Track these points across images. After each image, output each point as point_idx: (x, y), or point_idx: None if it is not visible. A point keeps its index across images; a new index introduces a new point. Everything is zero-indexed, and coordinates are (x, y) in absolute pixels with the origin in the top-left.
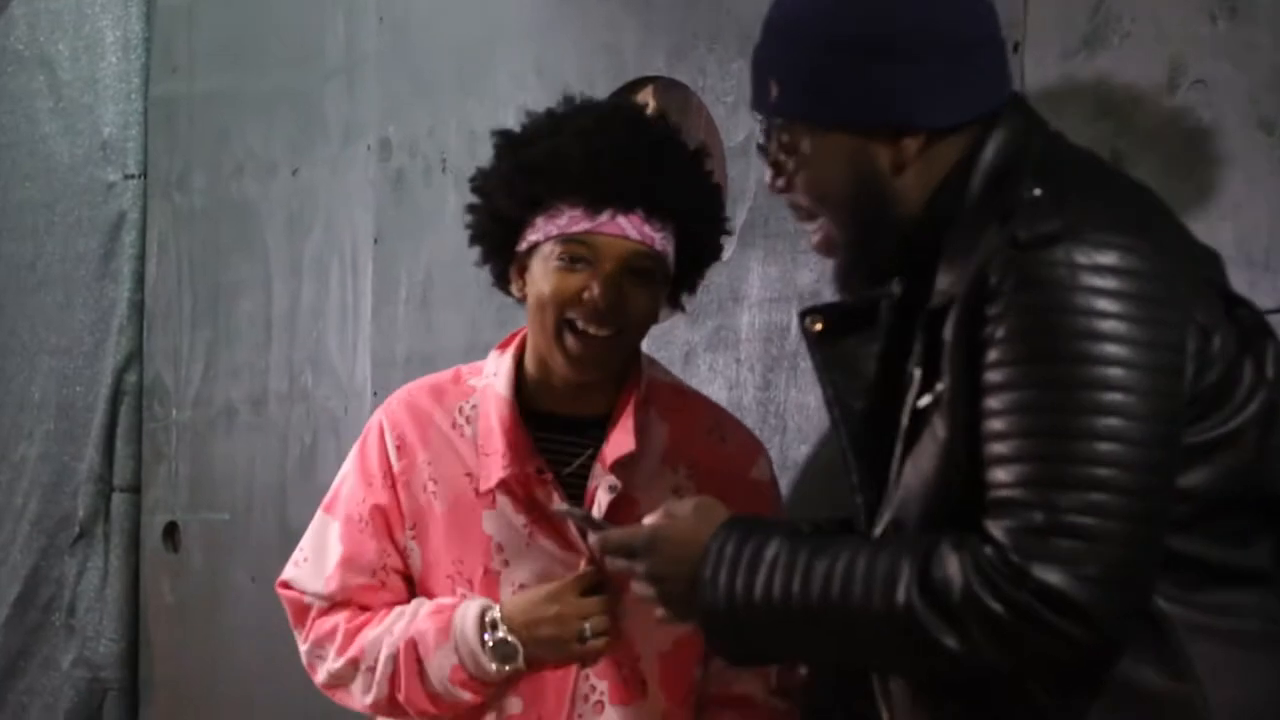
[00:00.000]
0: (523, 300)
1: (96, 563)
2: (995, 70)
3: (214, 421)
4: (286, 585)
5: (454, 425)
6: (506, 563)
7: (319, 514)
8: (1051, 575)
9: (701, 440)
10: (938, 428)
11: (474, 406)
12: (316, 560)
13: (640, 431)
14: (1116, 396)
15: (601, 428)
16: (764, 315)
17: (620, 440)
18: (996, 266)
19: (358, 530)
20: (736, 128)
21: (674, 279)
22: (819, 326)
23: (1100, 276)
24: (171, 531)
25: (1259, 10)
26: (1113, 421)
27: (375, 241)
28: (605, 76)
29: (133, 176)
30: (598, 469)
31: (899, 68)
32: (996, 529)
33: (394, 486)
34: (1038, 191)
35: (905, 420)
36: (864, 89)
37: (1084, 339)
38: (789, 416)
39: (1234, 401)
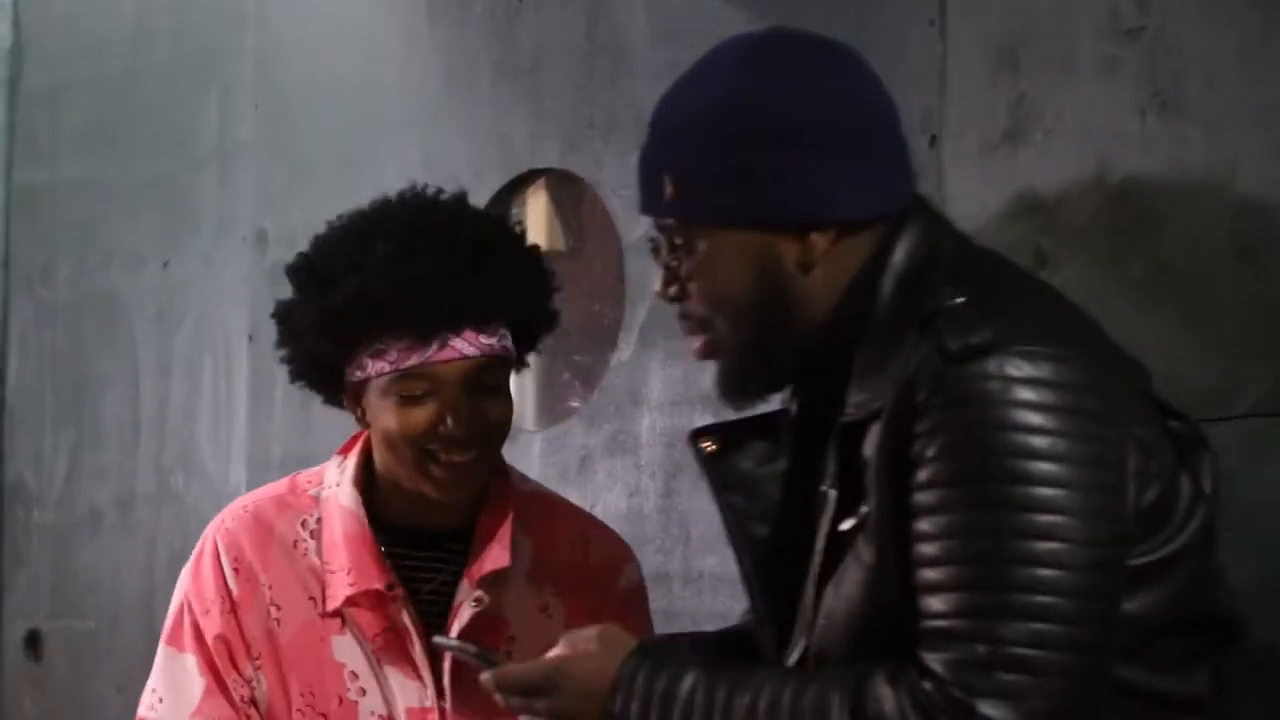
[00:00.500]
0: (362, 424)
1: None
2: (902, 164)
3: (78, 524)
4: None
5: (295, 543)
6: (363, 691)
7: (162, 648)
8: (997, 712)
9: (566, 553)
10: (863, 552)
11: (318, 520)
12: (175, 698)
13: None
14: (1057, 519)
15: (462, 541)
16: (665, 419)
17: (496, 554)
18: (923, 380)
19: (211, 661)
20: (635, 222)
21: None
22: (712, 447)
23: (1035, 390)
24: (34, 640)
25: (1187, 103)
26: (1054, 545)
27: (250, 338)
28: (496, 168)
29: None
30: (464, 586)
31: (808, 158)
32: (934, 661)
33: (234, 613)
34: (959, 299)
35: (822, 544)
36: (771, 182)
37: (1020, 457)
38: (692, 525)
39: (1174, 521)
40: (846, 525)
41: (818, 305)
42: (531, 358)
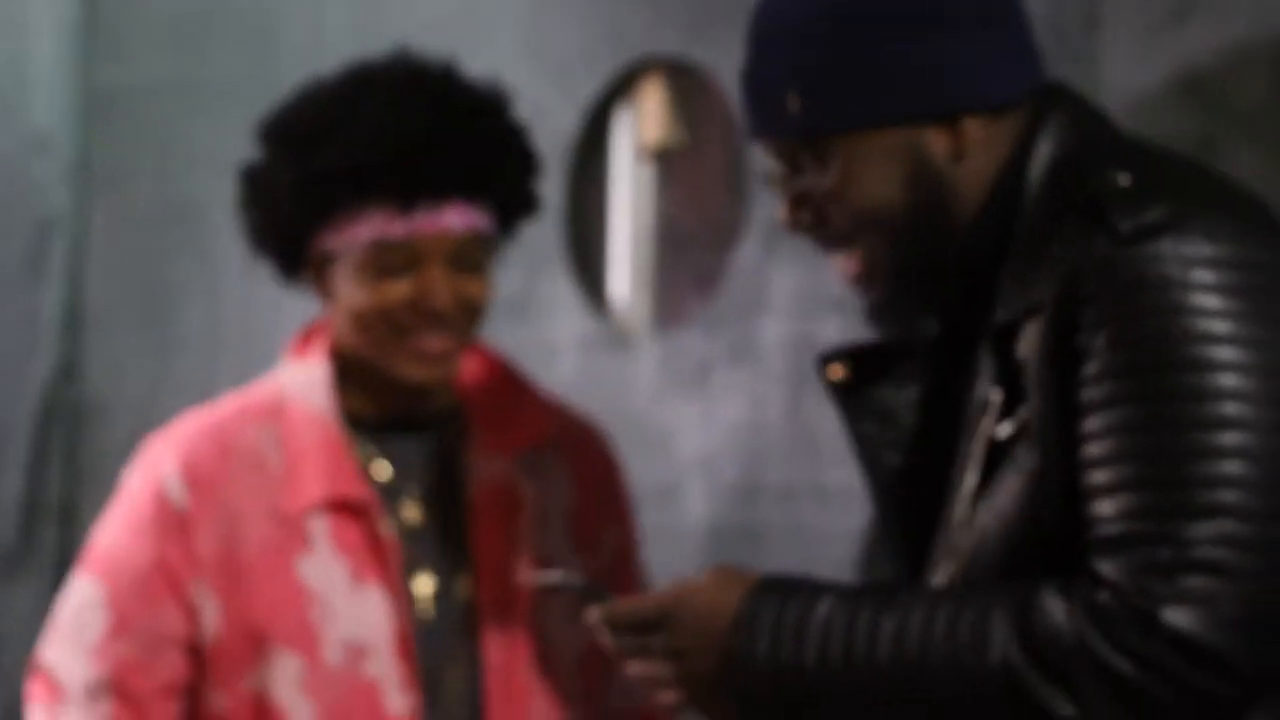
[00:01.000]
0: (322, 300)
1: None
2: (1034, 43)
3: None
4: (42, 674)
5: (257, 455)
6: (329, 615)
7: (76, 578)
8: (1185, 620)
9: (552, 421)
10: (1022, 459)
11: (277, 432)
12: (77, 634)
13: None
14: (1245, 409)
15: (447, 422)
16: (791, 325)
17: (506, 428)
18: (1090, 266)
19: (129, 592)
20: None
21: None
22: (842, 373)
23: (1216, 271)
24: None
25: None
26: (1241, 438)
27: None
28: (609, 54)
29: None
30: (477, 461)
31: (949, 36)
32: (1110, 569)
33: (182, 531)
34: (1123, 178)
35: (978, 454)
36: (913, 69)
37: (1202, 343)
38: (822, 438)
39: None
40: (1005, 431)
41: (970, 200)
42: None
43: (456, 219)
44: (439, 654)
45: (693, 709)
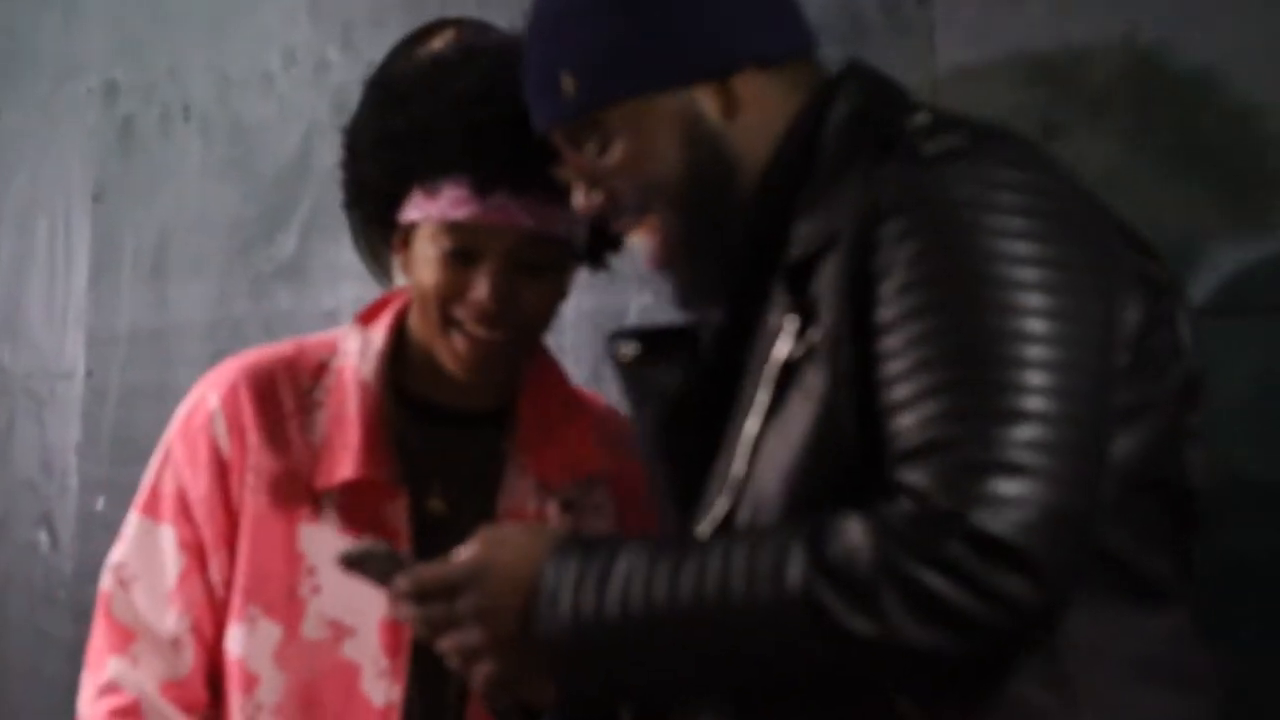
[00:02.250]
0: (403, 271)
1: None
2: (798, 8)
3: None
4: (111, 616)
5: (292, 412)
6: (318, 589)
7: (136, 517)
8: (991, 521)
9: (607, 451)
10: (811, 383)
11: (326, 391)
12: (150, 576)
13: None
14: (1046, 323)
15: (498, 425)
16: (592, 298)
17: (567, 452)
18: (890, 187)
19: (196, 537)
20: None
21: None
22: (630, 353)
23: (1016, 193)
24: None
25: None
26: (1043, 350)
27: (95, 199)
28: (399, 16)
29: None
30: (513, 478)
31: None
32: (915, 476)
33: (224, 476)
34: (922, 118)
35: (767, 376)
36: (676, 32)
37: (1001, 260)
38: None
39: (1152, 362)
40: (794, 352)
41: (754, 156)
42: None
43: (529, 215)
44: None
45: (505, 682)
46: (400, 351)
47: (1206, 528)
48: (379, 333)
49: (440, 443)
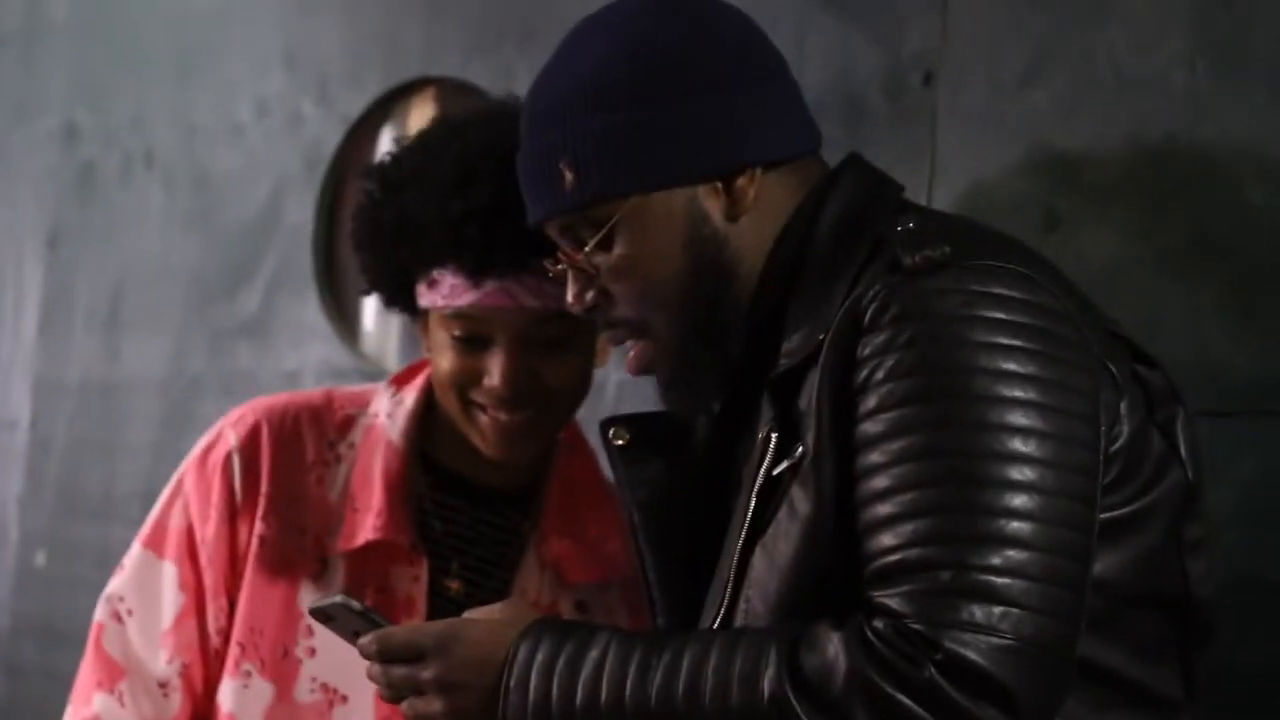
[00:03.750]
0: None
1: None
2: (801, 98)
3: None
4: (102, 650)
5: (312, 464)
6: (313, 651)
7: (139, 550)
8: (967, 648)
9: (621, 562)
10: (797, 502)
11: (350, 447)
12: (146, 613)
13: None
14: (1029, 443)
15: (524, 506)
16: None
17: (580, 546)
18: (873, 298)
19: (197, 578)
20: None
21: None
22: (622, 441)
23: (1001, 307)
24: None
25: (1252, 57)
26: (1025, 471)
27: (49, 245)
28: (378, 73)
29: None
30: (532, 568)
31: (716, 98)
32: (891, 597)
33: (232, 522)
34: (908, 222)
35: (752, 495)
36: (683, 130)
37: (985, 376)
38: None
39: (1144, 473)
40: (780, 468)
41: (752, 260)
42: None
43: (533, 294)
44: None
45: None
46: (430, 418)
47: (1215, 637)
48: (411, 395)
49: (463, 516)
